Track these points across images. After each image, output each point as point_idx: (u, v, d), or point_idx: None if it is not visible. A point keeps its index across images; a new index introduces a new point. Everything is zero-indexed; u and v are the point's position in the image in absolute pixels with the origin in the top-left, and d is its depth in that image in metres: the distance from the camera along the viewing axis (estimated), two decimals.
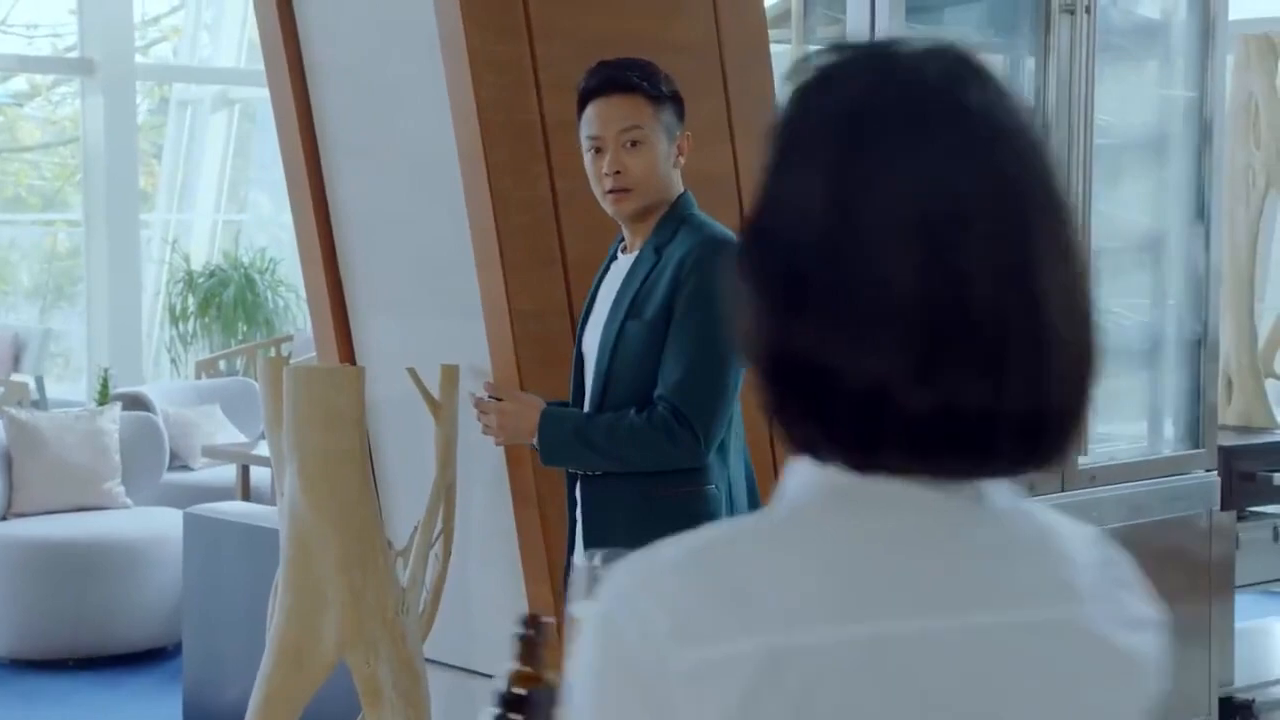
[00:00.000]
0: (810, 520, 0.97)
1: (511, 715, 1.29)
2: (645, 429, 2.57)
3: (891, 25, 3.80)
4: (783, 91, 1.01)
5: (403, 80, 3.45)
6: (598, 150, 2.67)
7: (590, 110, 2.69)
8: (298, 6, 3.66)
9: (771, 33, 3.75)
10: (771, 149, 1.00)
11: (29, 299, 11.72)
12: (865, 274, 0.93)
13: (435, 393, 3.40)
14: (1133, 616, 1.02)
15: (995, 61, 4.41)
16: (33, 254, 12.16)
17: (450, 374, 3.41)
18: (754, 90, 3.57)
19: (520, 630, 1.35)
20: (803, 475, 0.99)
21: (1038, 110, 4.19)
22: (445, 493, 3.27)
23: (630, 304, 2.64)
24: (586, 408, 2.72)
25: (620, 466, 2.64)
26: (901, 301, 0.92)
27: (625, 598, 0.94)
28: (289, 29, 3.64)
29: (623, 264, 2.75)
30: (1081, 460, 4.22)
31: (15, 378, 8.55)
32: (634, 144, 2.64)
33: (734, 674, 0.91)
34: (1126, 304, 4.64)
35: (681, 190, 2.73)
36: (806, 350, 0.94)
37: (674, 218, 2.69)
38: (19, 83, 11.73)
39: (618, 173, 2.65)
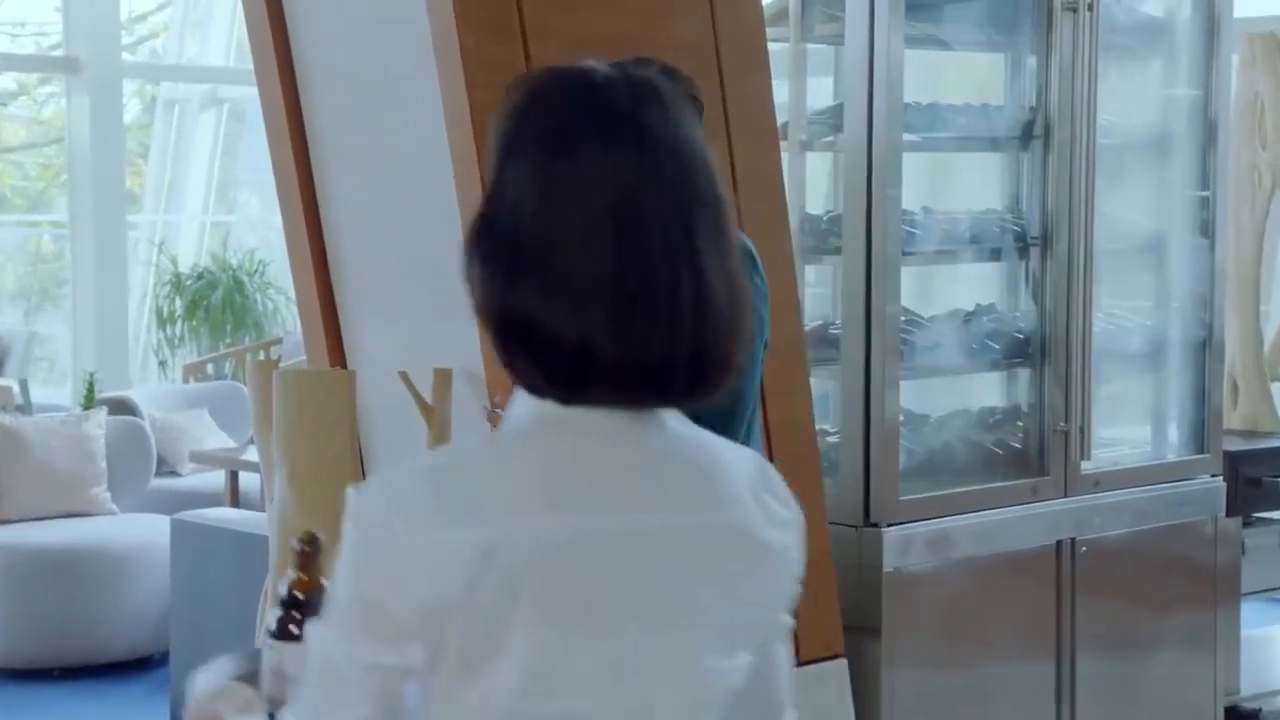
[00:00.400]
0: (525, 441, 1.30)
1: (293, 613, 1.61)
2: None
3: (891, 23, 3.82)
4: (503, 105, 1.31)
5: (395, 80, 3.46)
6: None
7: None
8: (287, 4, 3.67)
9: (769, 31, 3.77)
10: (495, 155, 1.30)
11: (13, 301, 11.72)
12: (567, 254, 1.24)
13: (428, 397, 3.41)
14: (778, 518, 1.37)
15: (996, 60, 4.43)
16: (17, 255, 12.16)
17: (443, 378, 3.42)
18: (751, 90, 3.58)
19: (298, 545, 1.64)
20: (523, 407, 1.32)
21: (1040, 109, 4.21)
22: None
23: None
24: None
25: None
26: (597, 276, 1.24)
27: (376, 500, 1.28)
28: (278, 27, 3.65)
29: None
30: (1084, 465, 4.23)
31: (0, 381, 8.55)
32: None
33: (458, 557, 1.23)
34: (1130, 306, 4.65)
35: None
36: (525, 313, 1.26)
37: None
38: (6, 81, 11.73)
39: None
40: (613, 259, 1.24)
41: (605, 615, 1.28)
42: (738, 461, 1.37)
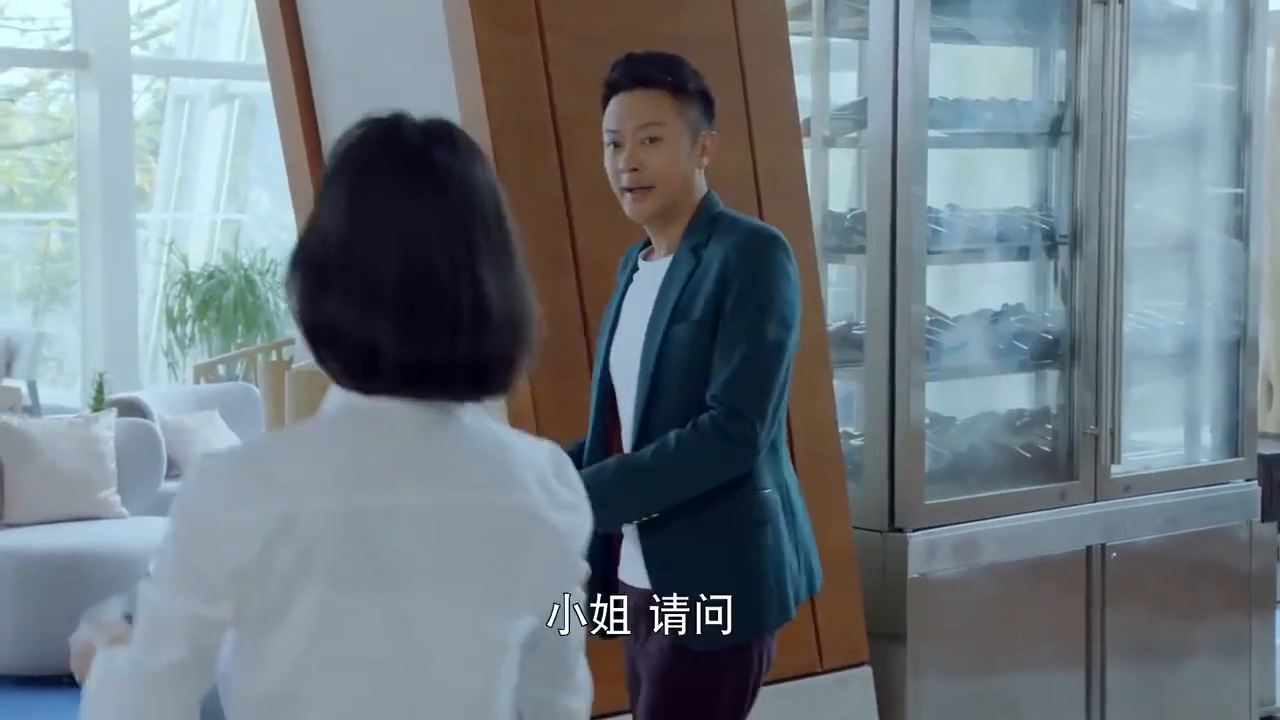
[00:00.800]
0: (328, 427, 1.57)
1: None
2: (695, 437, 2.53)
3: (917, 17, 3.82)
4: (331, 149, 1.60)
5: (409, 74, 3.47)
6: (616, 145, 2.66)
7: (612, 104, 2.68)
8: None
9: (791, 25, 3.77)
10: (322, 185, 1.59)
11: (21, 301, 11.78)
12: (362, 268, 1.53)
13: None
14: (563, 501, 1.62)
15: (1024, 54, 4.42)
16: (25, 254, 12.22)
17: None
18: (773, 86, 3.59)
19: None
20: (333, 398, 1.59)
21: (1069, 104, 4.21)
22: None
23: (674, 308, 2.61)
24: (630, 418, 2.65)
25: (676, 495, 2.56)
26: (385, 287, 1.52)
27: (196, 477, 1.55)
28: (291, 21, 3.67)
29: (651, 271, 2.71)
30: (1115, 469, 4.23)
31: (7, 383, 8.59)
32: (652, 140, 2.63)
33: (258, 529, 1.50)
34: (1161, 306, 4.64)
35: (705, 191, 2.72)
36: (330, 317, 1.54)
37: (704, 218, 2.68)
38: (15, 77, 11.79)
39: (634, 170, 2.63)
40: (400, 274, 1.53)
41: (390, 582, 1.53)
42: (528, 452, 1.63)
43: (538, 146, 3.27)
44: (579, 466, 1.77)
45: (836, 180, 4.30)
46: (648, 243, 2.76)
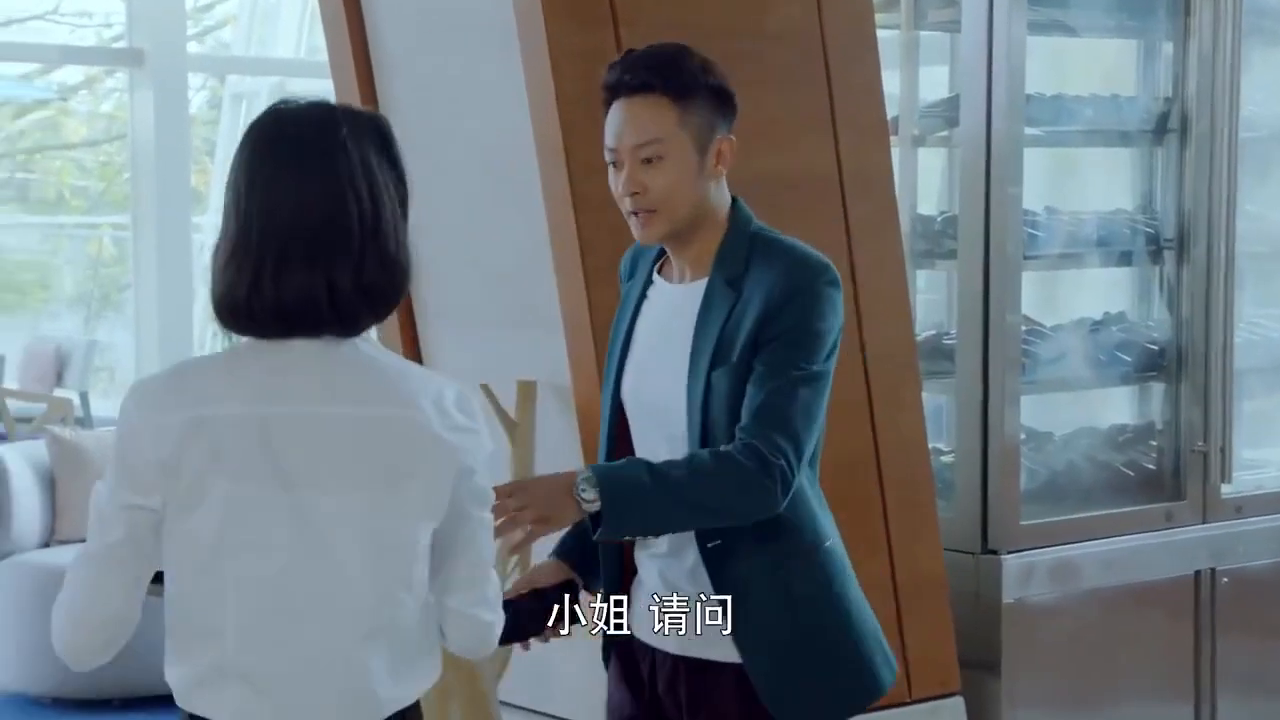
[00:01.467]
0: (239, 353, 1.98)
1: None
2: (728, 458, 2.39)
3: (1012, 8, 3.79)
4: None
5: (477, 72, 3.48)
6: (615, 165, 2.48)
7: (610, 114, 2.48)
8: None
9: (879, 17, 3.75)
10: (233, 160, 1.98)
11: (72, 308, 11.94)
12: (245, 231, 1.94)
13: (511, 411, 3.42)
14: (455, 423, 1.96)
15: (1128, 47, 4.38)
16: (77, 259, 12.39)
17: (527, 390, 3.44)
18: (859, 82, 3.57)
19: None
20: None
21: (1176, 100, 4.15)
22: None
23: (715, 352, 2.44)
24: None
25: (703, 514, 2.41)
26: (268, 251, 1.92)
27: (130, 396, 1.96)
28: (354, 16, 3.69)
29: (674, 296, 2.54)
30: (1225, 489, 4.17)
31: (58, 393, 8.71)
32: (652, 159, 2.44)
33: (174, 430, 1.92)
34: (1274, 314, 4.58)
35: (729, 202, 2.52)
36: (219, 281, 1.96)
37: (738, 241, 2.49)
38: (67, 74, 11.96)
39: (635, 193, 2.45)
40: (279, 241, 1.92)
41: (289, 481, 1.91)
42: (428, 381, 1.99)
43: None
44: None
45: (926, 181, 4.28)
46: (662, 252, 2.59)
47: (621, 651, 2.60)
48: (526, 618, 2.43)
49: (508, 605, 2.17)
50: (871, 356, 3.52)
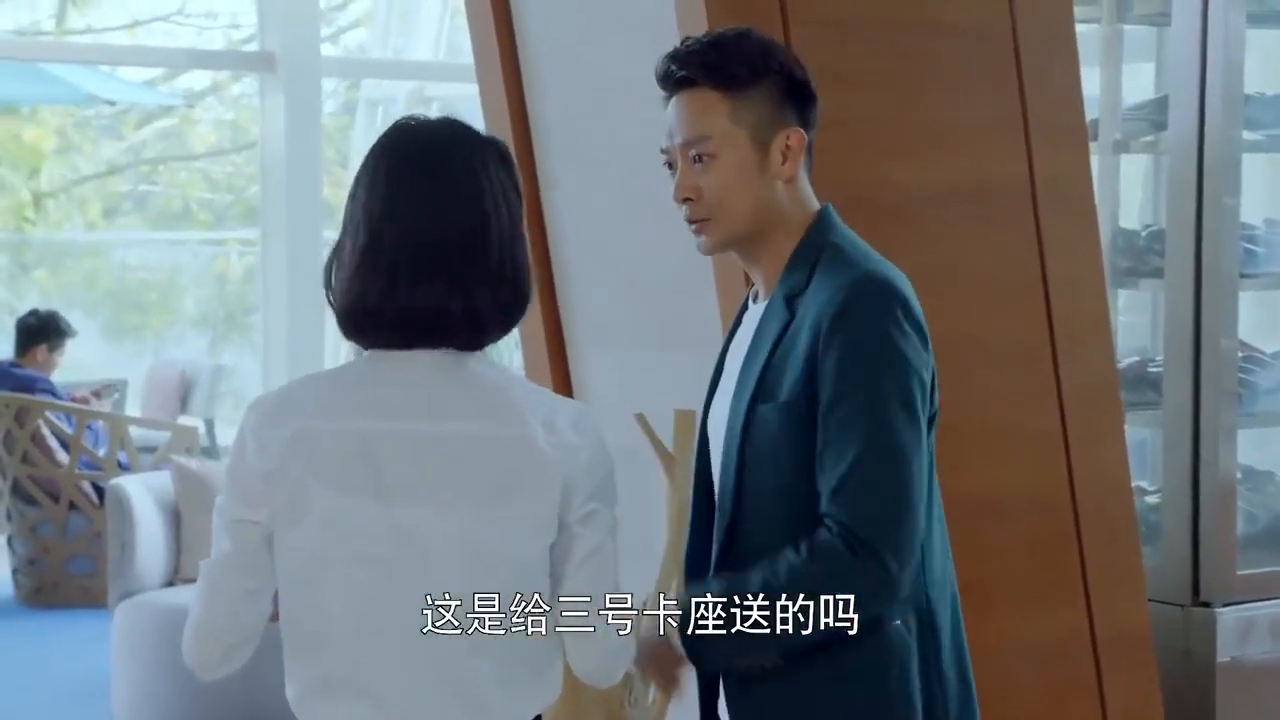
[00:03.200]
0: (352, 369, 2.19)
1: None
2: (811, 570, 2.22)
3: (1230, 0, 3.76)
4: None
5: (633, 77, 3.53)
6: (670, 166, 2.41)
7: (667, 111, 2.43)
8: None
9: (1077, 10, 3.74)
10: (360, 172, 2.17)
11: (197, 329, 12.24)
12: (377, 241, 2.13)
13: (668, 442, 3.46)
14: (563, 442, 2.13)
15: None
16: (202, 277, 12.70)
17: (686, 420, 3.47)
18: (1054, 81, 3.56)
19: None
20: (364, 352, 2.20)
21: None
22: (679, 560, 3.33)
23: (759, 381, 2.32)
24: (716, 516, 2.41)
25: (790, 640, 2.25)
26: (395, 253, 2.11)
27: (245, 416, 2.16)
28: (503, 17, 3.76)
29: (751, 316, 2.44)
30: None
31: (183, 420, 8.95)
32: (703, 158, 2.36)
33: (278, 443, 2.12)
34: None
35: (812, 208, 2.40)
36: (346, 290, 2.14)
37: (809, 251, 2.35)
38: (193, 80, 12.26)
39: (688, 199, 2.37)
40: (416, 250, 2.11)
41: (390, 495, 2.10)
42: (539, 398, 2.18)
43: None
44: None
45: (1129, 191, 4.25)
46: None
47: None
48: None
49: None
50: (1067, 385, 3.51)
